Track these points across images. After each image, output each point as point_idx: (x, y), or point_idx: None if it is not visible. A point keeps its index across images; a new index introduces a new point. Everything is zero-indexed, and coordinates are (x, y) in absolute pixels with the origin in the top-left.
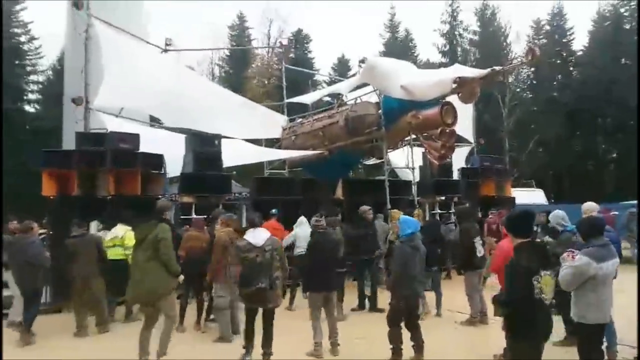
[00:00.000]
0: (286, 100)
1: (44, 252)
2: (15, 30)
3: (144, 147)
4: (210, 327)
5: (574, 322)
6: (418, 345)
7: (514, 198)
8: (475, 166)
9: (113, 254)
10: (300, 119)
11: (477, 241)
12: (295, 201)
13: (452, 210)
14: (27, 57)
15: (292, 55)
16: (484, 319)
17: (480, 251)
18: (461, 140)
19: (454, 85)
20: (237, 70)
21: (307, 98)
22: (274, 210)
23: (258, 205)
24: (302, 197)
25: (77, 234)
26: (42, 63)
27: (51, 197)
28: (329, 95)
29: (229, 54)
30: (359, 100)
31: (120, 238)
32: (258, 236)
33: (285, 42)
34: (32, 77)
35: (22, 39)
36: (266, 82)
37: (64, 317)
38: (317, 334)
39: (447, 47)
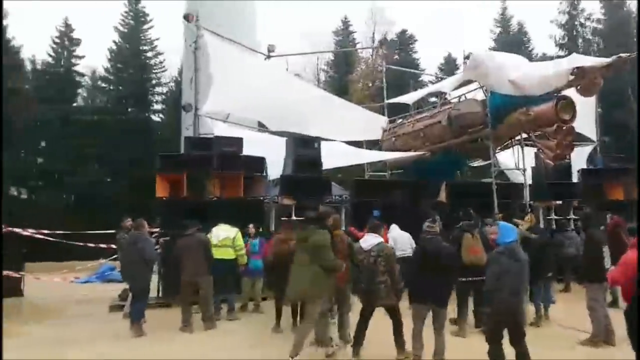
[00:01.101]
0: (387, 101)
1: (154, 248)
2: (144, 47)
3: (248, 151)
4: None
5: None
6: None
7: None
8: (599, 167)
9: (224, 253)
10: (401, 120)
11: (606, 250)
12: (395, 205)
13: (571, 216)
14: (153, 71)
15: (396, 57)
16: (609, 338)
17: (607, 261)
18: (582, 138)
19: (572, 77)
20: (342, 75)
21: (408, 98)
22: (375, 212)
23: (357, 208)
24: (402, 200)
25: (188, 233)
26: (165, 75)
27: (163, 199)
28: (431, 94)
29: (333, 58)
30: (463, 98)
31: (231, 239)
32: (368, 241)
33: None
34: (157, 89)
35: (149, 54)
36: (370, 84)
37: (173, 312)
38: (416, 347)
39: (566, 38)
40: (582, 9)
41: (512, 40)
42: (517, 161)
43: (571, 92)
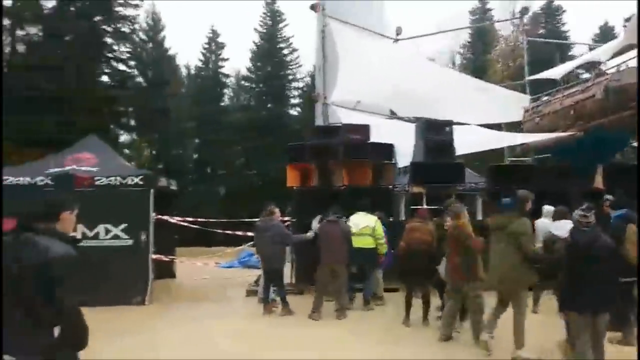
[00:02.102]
0: (528, 78)
1: (285, 233)
2: (280, 45)
3: (376, 138)
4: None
5: None
6: None
7: None
8: None
9: (363, 242)
10: (546, 97)
11: None
12: (539, 192)
13: None
14: (289, 67)
15: (541, 31)
16: None
17: None
18: None
19: None
20: (479, 56)
21: (554, 72)
22: (506, 200)
23: (494, 197)
24: (547, 187)
25: (330, 219)
26: (301, 70)
27: (294, 188)
28: (582, 66)
29: (469, 40)
30: (623, 67)
31: (371, 228)
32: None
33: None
34: (294, 84)
35: (285, 51)
36: (511, 63)
37: (304, 299)
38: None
39: None
40: None
41: None
42: None
43: None
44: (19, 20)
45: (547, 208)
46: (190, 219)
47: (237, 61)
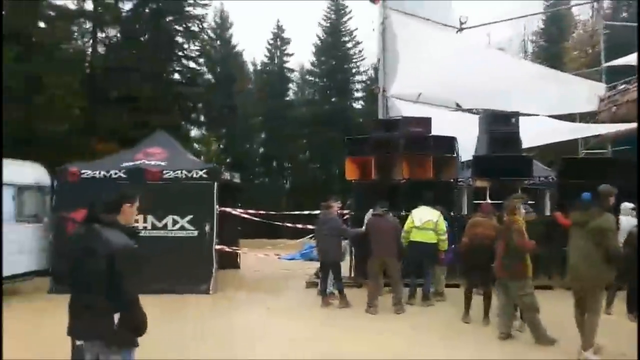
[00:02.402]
0: (604, 65)
1: (340, 227)
2: (344, 38)
3: (439, 131)
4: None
5: None
6: None
7: None
8: None
9: (425, 236)
10: (624, 85)
11: None
12: (617, 187)
13: None
14: (353, 60)
15: (624, 14)
16: None
17: None
18: None
19: None
20: (554, 43)
21: (634, 58)
22: (585, 195)
23: (565, 191)
24: (624, 182)
25: (377, 213)
26: (365, 64)
27: (353, 181)
28: None
29: (543, 27)
30: None
31: (434, 222)
32: None
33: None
34: (357, 77)
35: (349, 45)
36: (589, 50)
37: (363, 293)
38: None
39: None
40: None
41: None
42: None
43: None
44: (100, 23)
45: (626, 205)
46: (252, 212)
47: (301, 56)
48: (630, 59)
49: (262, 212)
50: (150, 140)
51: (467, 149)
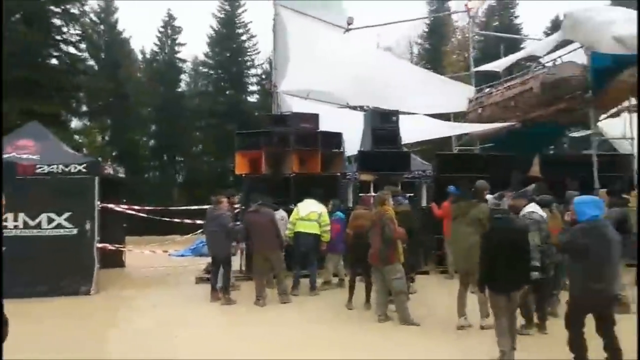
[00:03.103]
0: (473, 69)
1: (226, 224)
2: (238, 30)
3: (327, 127)
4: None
5: None
6: (613, 356)
7: None
8: None
9: (309, 227)
10: (489, 89)
11: None
12: (481, 180)
13: None
14: (248, 53)
15: (495, 23)
16: None
17: None
18: None
19: None
20: (436, 46)
21: (497, 65)
22: (451, 188)
23: (440, 184)
24: (488, 175)
25: (253, 209)
26: (259, 57)
27: (243, 176)
28: (522, 59)
29: (426, 30)
30: (558, 61)
31: (318, 214)
32: None
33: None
34: (252, 71)
35: (244, 37)
36: (467, 55)
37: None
38: (502, 339)
39: None
40: None
41: None
42: (625, 130)
43: None
44: None
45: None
46: (137, 207)
47: (194, 46)
48: (494, 65)
49: (149, 207)
50: (21, 132)
51: (353, 145)
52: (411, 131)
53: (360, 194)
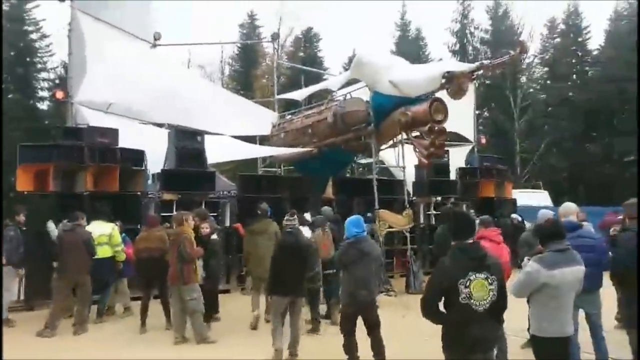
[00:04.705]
0: (277, 97)
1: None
2: (27, 28)
3: (129, 144)
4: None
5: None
6: (378, 355)
7: (514, 200)
8: (475, 166)
9: (101, 252)
10: (290, 116)
11: None
12: (282, 199)
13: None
14: (39, 55)
15: (301, 54)
16: None
17: None
18: (461, 139)
19: (443, 81)
20: (247, 69)
21: (299, 94)
22: (263, 205)
23: (243, 204)
24: (288, 195)
25: (66, 229)
26: (53, 60)
27: (26, 193)
28: (320, 91)
29: (237, 52)
30: (348, 97)
31: (107, 235)
32: None
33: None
34: (43, 75)
35: (34, 36)
36: (276, 79)
37: (36, 316)
38: (276, 340)
39: (458, 46)
40: (472, 19)
41: (411, 45)
42: (397, 159)
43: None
44: None
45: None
46: None
47: None
48: (295, 94)
49: None
50: None
51: (158, 163)
52: (217, 151)
53: (163, 214)
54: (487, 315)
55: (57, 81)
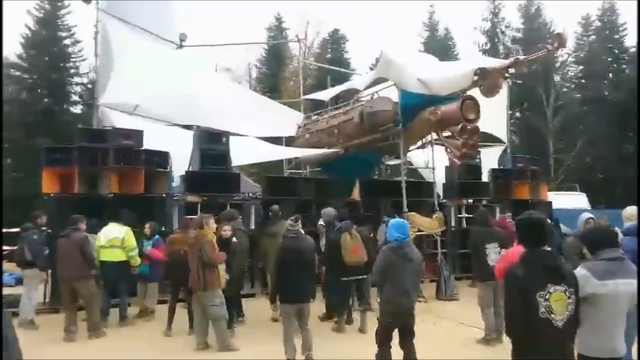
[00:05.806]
0: (302, 97)
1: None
2: (61, 34)
3: (153, 145)
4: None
5: None
6: None
7: (550, 202)
8: (507, 167)
9: (112, 255)
10: (316, 116)
11: (491, 248)
12: (308, 202)
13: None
14: (72, 60)
15: (328, 55)
16: (500, 336)
17: (493, 259)
18: (493, 139)
19: (475, 78)
20: (274, 72)
21: (325, 94)
22: (274, 207)
23: (268, 206)
24: (314, 198)
25: (62, 234)
26: (85, 65)
27: (52, 195)
28: (346, 91)
29: (265, 55)
30: (375, 96)
31: (120, 239)
32: None
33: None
34: (76, 79)
35: (67, 42)
36: (302, 81)
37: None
38: (288, 349)
39: (489, 45)
40: (503, 18)
41: (440, 45)
42: (427, 160)
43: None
44: None
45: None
46: None
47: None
48: (321, 95)
49: None
50: None
51: (184, 165)
52: (242, 153)
53: (187, 216)
54: (566, 332)
55: (89, 86)
